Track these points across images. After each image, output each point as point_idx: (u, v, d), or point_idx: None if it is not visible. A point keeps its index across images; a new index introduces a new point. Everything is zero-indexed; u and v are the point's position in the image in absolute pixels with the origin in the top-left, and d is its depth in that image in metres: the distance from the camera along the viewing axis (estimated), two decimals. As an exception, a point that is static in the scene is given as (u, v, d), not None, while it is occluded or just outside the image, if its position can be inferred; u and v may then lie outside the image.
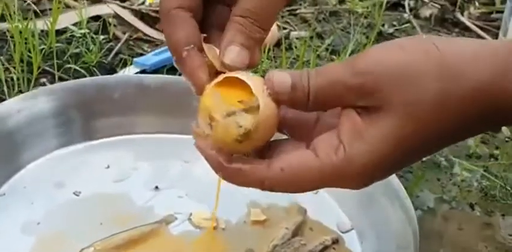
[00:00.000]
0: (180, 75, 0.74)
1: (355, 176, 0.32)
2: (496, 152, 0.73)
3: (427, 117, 0.31)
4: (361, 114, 0.32)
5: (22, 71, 0.68)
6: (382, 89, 0.31)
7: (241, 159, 0.35)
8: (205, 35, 0.38)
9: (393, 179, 0.54)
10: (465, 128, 0.32)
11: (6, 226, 0.50)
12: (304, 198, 0.58)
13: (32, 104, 0.56)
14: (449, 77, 0.31)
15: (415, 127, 0.31)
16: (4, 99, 0.63)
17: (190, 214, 0.54)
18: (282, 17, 0.95)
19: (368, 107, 0.32)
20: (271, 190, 0.35)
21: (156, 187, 0.56)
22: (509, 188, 0.67)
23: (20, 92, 0.66)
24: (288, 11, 0.97)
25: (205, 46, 0.37)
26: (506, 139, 0.77)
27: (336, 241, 0.53)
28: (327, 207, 0.57)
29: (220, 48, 0.36)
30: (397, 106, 0.31)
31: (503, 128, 0.79)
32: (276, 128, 0.35)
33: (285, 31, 0.90)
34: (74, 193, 0.54)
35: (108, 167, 0.58)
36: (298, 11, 0.97)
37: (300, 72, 0.33)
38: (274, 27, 0.85)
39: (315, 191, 0.59)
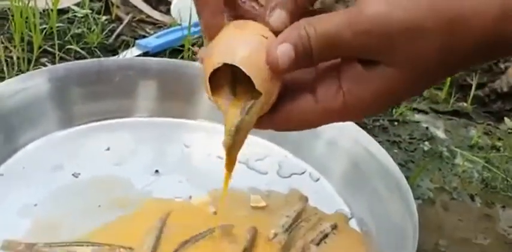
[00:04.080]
0: (182, 58, 0.74)
1: (354, 117, 0.36)
2: (499, 143, 0.73)
3: (432, 68, 0.32)
4: (364, 64, 0.33)
5: (22, 50, 0.67)
6: (386, 47, 0.32)
7: None
8: None
9: (395, 169, 0.54)
10: (466, 69, 0.35)
11: (3, 207, 0.49)
12: (305, 186, 0.58)
13: (31, 85, 0.55)
14: (452, 30, 0.31)
15: (418, 78, 0.33)
16: (4, 79, 0.62)
17: (190, 197, 0.54)
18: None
19: (372, 60, 0.33)
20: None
21: (156, 171, 0.56)
22: (510, 180, 0.66)
23: (20, 71, 0.65)
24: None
25: None
26: (509, 131, 0.76)
27: (334, 227, 0.52)
28: (327, 195, 0.57)
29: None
30: (400, 61, 0.32)
31: (507, 120, 0.79)
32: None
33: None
34: (73, 174, 0.54)
35: (108, 149, 0.57)
36: None
37: (298, 35, 0.33)
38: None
39: (315, 179, 0.59)
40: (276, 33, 0.34)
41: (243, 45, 0.34)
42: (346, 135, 0.58)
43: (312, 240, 0.51)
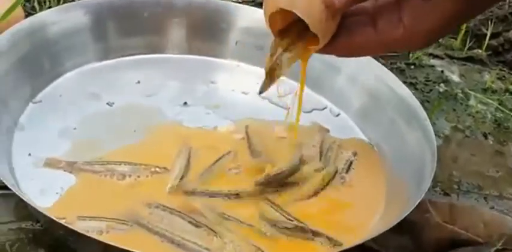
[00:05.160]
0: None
1: (415, 46, 0.38)
2: (512, 87, 0.75)
3: None
4: None
5: (52, -12, 0.69)
6: None
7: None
8: None
9: (414, 101, 0.57)
10: None
11: (44, 131, 0.52)
12: (325, 121, 0.60)
13: (68, 17, 0.58)
14: None
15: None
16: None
17: (216, 127, 0.56)
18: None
19: None
20: None
21: (185, 103, 0.59)
22: (522, 121, 0.69)
23: (50, 8, 0.67)
24: None
25: None
26: (523, 76, 0.78)
27: (355, 154, 0.55)
28: (347, 129, 0.59)
29: None
30: None
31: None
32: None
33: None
34: (107, 103, 0.56)
35: (139, 82, 0.60)
36: None
37: None
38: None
39: (335, 114, 0.61)
40: None
41: None
42: (366, 71, 0.60)
43: (342, 169, 0.54)
